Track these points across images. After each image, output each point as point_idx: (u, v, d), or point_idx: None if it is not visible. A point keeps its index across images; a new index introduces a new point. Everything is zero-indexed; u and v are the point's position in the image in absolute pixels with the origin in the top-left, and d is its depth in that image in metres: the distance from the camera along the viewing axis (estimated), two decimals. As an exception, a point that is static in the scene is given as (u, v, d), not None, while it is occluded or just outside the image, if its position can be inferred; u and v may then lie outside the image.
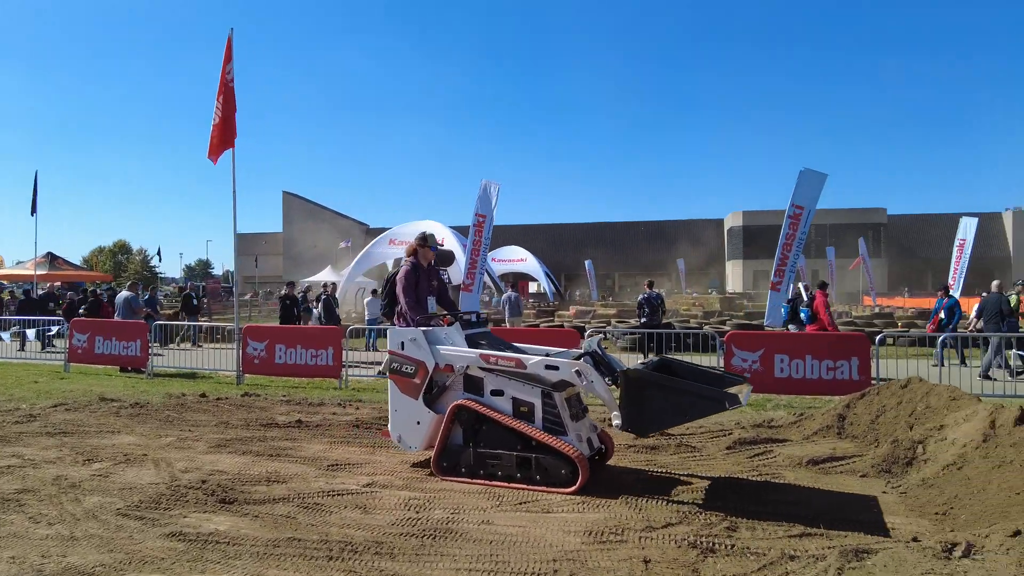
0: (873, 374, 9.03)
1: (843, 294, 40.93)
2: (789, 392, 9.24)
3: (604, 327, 16.75)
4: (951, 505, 4.59)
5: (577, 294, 48.19)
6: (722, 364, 9.50)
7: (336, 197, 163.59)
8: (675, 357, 5.67)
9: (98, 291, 20.14)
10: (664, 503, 4.73)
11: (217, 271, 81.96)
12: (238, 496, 4.95)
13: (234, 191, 10.65)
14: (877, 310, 27.10)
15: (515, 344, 5.94)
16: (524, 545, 4.04)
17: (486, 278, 22.23)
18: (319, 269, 43.48)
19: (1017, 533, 3.73)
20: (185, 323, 18.12)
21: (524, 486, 5.11)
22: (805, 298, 12.13)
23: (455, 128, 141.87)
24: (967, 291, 24.76)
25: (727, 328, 16.27)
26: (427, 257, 6.22)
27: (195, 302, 19.60)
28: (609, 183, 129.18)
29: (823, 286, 11.36)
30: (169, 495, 4.96)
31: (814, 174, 14.02)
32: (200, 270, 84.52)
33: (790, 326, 12.85)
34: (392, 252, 30.27)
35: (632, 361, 6.61)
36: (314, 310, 19.68)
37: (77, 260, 51.18)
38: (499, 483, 5.20)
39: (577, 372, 5.08)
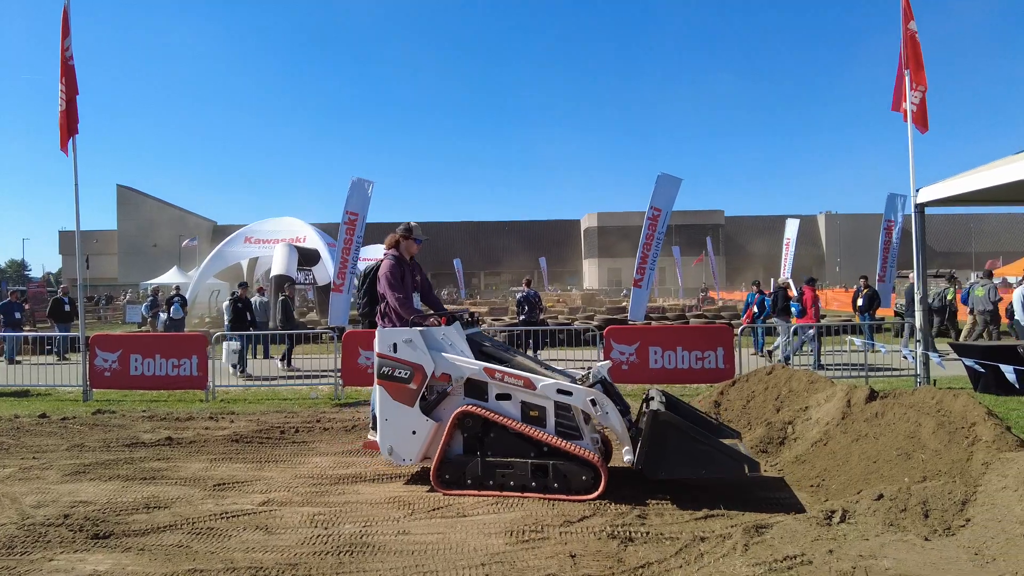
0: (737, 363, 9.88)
1: (689, 289, 44.43)
2: (663, 382, 9.84)
3: (481, 325, 16.82)
4: (823, 477, 5.13)
5: (444, 293, 48.11)
6: (602, 357, 9.93)
7: (178, 193, 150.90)
8: (664, 390, 5.48)
9: None
10: (575, 497, 4.84)
11: (35, 273, 72.48)
12: (114, 528, 4.38)
13: (76, 183, 9.40)
14: (721, 303, 29.66)
15: (506, 350, 5.60)
16: (447, 552, 3.96)
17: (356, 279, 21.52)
18: (163, 270, 39.91)
19: (880, 497, 4.25)
20: (56, 333, 15.62)
21: (540, 495, 4.86)
22: (795, 293, 12.94)
23: (309, 126, 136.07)
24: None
25: (595, 323, 17.04)
26: (411, 250, 5.65)
27: (67, 308, 16.64)
28: (473, 184, 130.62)
29: (811, 282, 12.43)
30: (23, 536, 4.26)
31: (670, 179, 15.06)
32: (13, 272, 74.16)
33: (775, 318, 13.15)
34: (248, 251, 28.32)
35: None
36: (162, 314, 17.95)
37: None
38: (511, 493, 4.91)
39: (592, 401, 4.89)
